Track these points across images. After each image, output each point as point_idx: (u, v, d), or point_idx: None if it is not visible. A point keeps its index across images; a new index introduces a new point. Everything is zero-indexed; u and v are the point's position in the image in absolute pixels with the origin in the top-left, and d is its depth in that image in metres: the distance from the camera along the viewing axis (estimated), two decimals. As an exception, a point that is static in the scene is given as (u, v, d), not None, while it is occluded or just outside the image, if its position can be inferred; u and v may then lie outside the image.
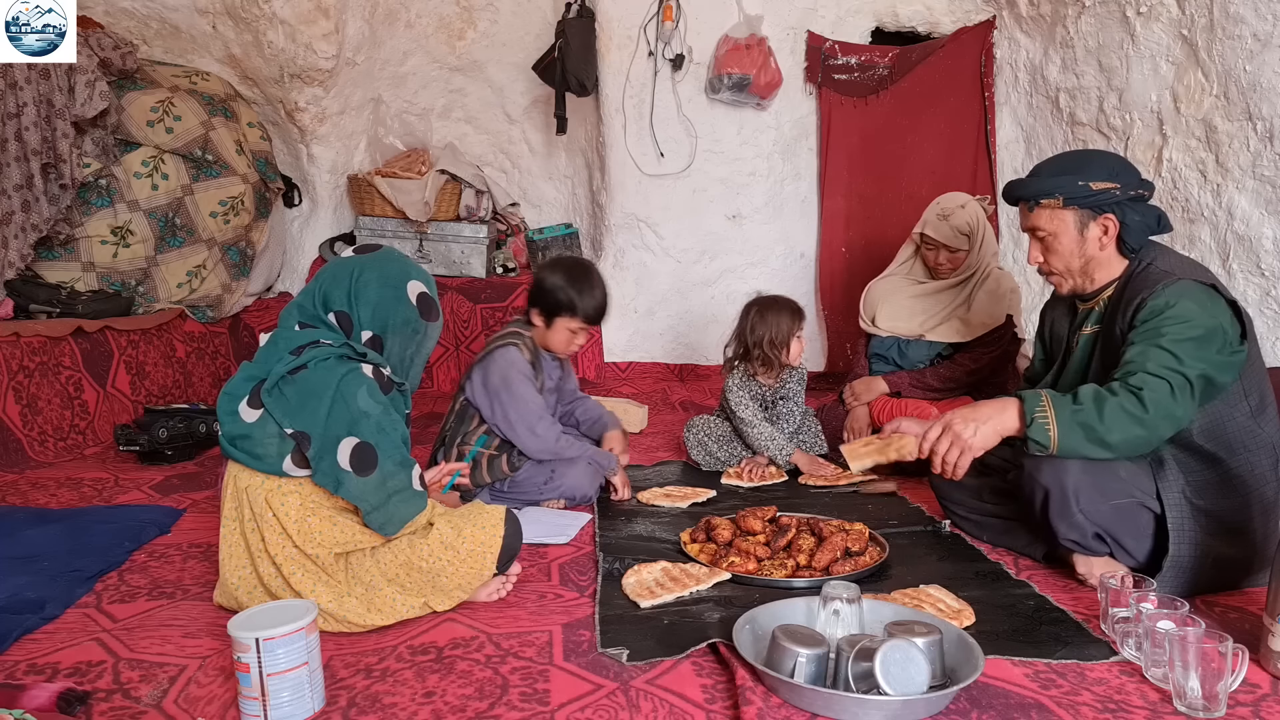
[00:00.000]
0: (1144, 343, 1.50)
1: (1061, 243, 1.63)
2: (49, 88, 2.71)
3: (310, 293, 1.50)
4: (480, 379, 2.08)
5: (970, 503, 1.87)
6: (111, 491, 2.23)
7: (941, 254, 2.48)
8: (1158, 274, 1.56)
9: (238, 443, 1.41)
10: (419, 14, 3.75)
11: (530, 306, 2.12)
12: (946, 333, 2.51)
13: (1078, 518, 1.51)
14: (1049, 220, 1.63)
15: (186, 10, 3.20)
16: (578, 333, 2.10)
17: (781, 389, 2.42)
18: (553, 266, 2.14)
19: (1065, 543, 1.57)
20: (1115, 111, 2.89)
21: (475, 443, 2.09)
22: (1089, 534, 1.53)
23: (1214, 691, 1.14)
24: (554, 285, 2.06)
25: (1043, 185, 1.63)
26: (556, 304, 2.06)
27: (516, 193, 4.11)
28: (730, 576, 1.61)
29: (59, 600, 1.52)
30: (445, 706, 1.19)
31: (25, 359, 2.52)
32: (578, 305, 2.05)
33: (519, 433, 2.04)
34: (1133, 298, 1.56)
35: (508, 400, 2.03)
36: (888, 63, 3.56)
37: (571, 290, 2.05)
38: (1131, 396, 1.46)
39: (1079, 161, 1.67)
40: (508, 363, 2.05)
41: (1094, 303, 1.70)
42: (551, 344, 2.12)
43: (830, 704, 1.14)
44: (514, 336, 2.11)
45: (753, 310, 2.36)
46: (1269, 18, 2.29)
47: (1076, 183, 1.59)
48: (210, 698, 1.22)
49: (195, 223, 3.14)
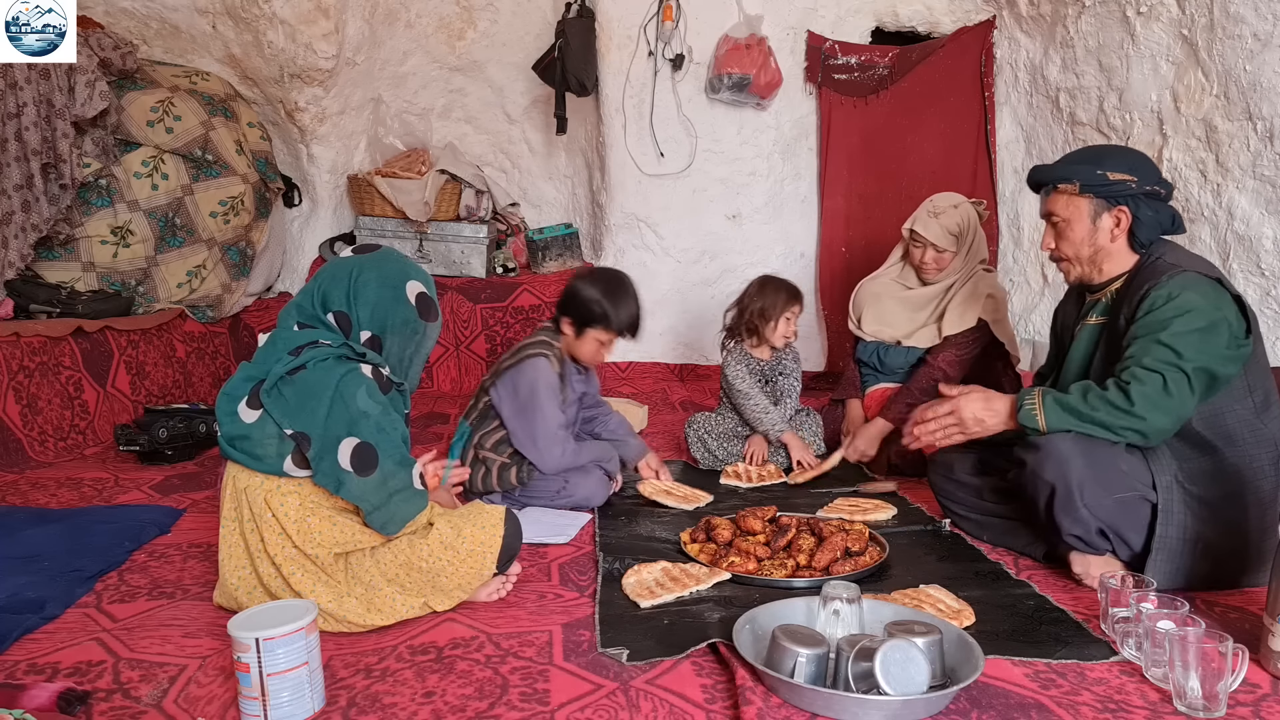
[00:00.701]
0: (1146, 336, 1.52)
1: (1074, 229, 1.66)
2: (49, 88, 2.71)
3: (309, 293, 1.49)
4: (510, 387, 2.05)
5: (971, 501, 1.88)
6: (111, 491, 2.23)
7: (928, 253, 2.41)
8: (1164, 266, 1.59)
9: (237, 443, 1.41)
10: (419, 14, 3.75)
11: (561, 314, 2.10)
12: (923, 338, 2.46)
13: (1082, 513, 1.51)
14: (1064, 206, 1.67)
15: (186, 10, 3.20)
16: (607, 344, 2.10)
17: (778, 365, 2.48)
18: (590, 278, 2.12)
19: (1069, 538, 1.57)
20: (1115, 111, 2.89)
21: (489, 447, 2.08)
22: (1092, 529, 1.53)
23: (1214, 691, 1.14)
24: (590, 296, 2.05)
25: (1062, 170, 1.68)
26: (590, 315, 2.05)
27: (516, 193, 4.11)
28: (730, 576, 1.61)
29: (59, 600, 1.52)
30: (445, 706, 1.19)
31: (25, 359, 2.52)
32: (612, 318, 2.05)
33: (538, 448, 2.02)
34: (1138, 289, 1.58)
35: (532, 416, 2.02)
36: (888, 63, 3.56)
37: (607, 302, 2.05)
38: (1119, 392, 1.50)
39: (1101, 152, 1.73)
40: (536, 374, 2.02)
41: (1102, 294, 1.72)
42: (579, 353, 2.12)
43: (830, 704, 1.14)
44: (544, 346, 2.08)
45: (756, 282, 2.48)
46: (1269, 17, 2.29)
47: (1095, 171, 1.63)
48: (210, 697, 1.22)
49: (195, 223, 3.14)
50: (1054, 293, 3.26)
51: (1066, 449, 1.52)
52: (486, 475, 2.06)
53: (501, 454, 2.08)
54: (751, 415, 2.40)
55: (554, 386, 2.04)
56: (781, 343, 2.45)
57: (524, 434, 2.03)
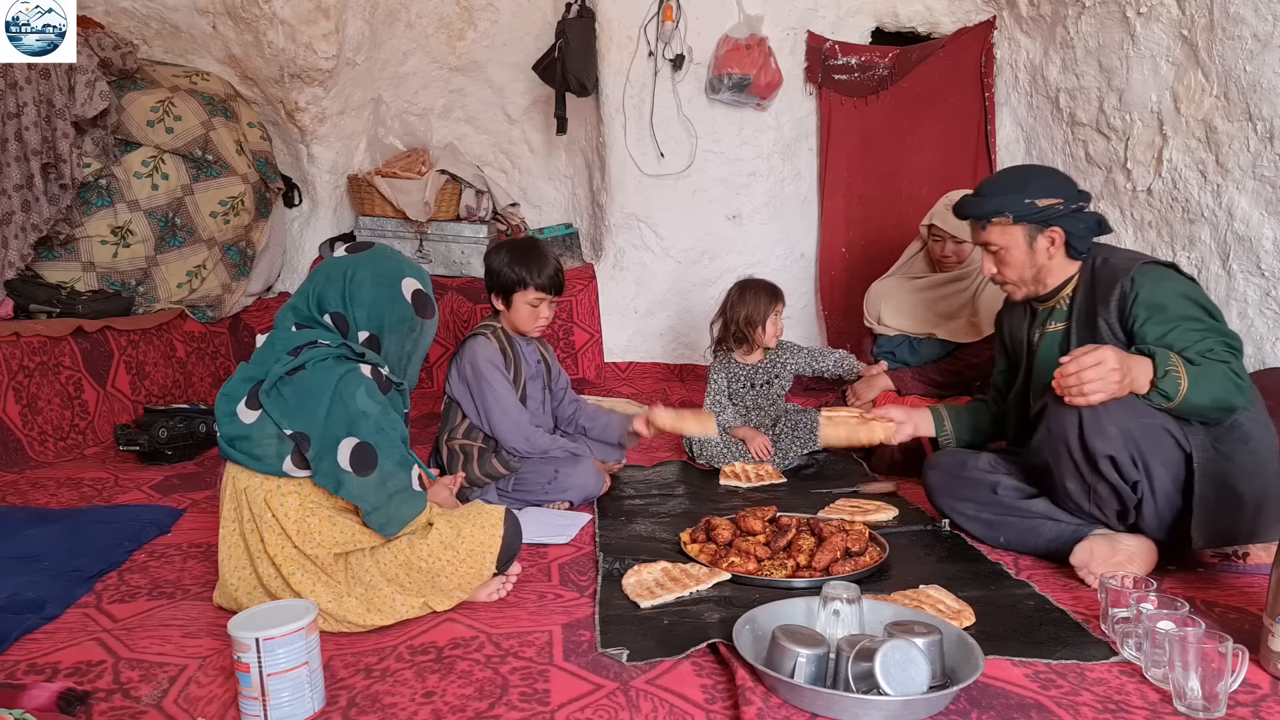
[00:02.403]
0: (1186, 325, 1.57)
1: (1013, 255, 1.76)
2: (49, 88, 2.71)
3: (305, 294, 1.49)
4: (455, 373, 2.13)
5: (984, 498, 1.81)
6: (111, 491, 2.23)
7: (948, 245, 2.53)
8: (1124, 262, 1.68)
9: (236, 444, 1.41)
10: (419, 14, 3.75)
11: (490, 294, 2.17)
12: (957, 331, 2.53)
13: (1110, 429, 1.51)
14: (1000, 236, 1.76)
15: (186, 10, 3.20)
16: (539, 305, 2.13)
17: (771, 368, 2.48)
18: (496, 249, 2.18)
19: (1103, 464, 1.53)
20: (1115, 112, 2.89)
21: (460, 438, 2.12)
22: (1124, 449, 1.51)
23: (1214, 692, 1.14)
24: (500, 265, 2.12)
25: (992, 205, 1.75)
26: (509, 281, 2.11)
27: (516, 193, 4.10)
28: (730, 577, 1.61)
29: (59, 600, 1.52)
30: (445, 706, 1.19)
31: (25, 359, 2.52)
32: (528, 278, 2.09)
33: (494, 420, 2.08)
34: (1107, 290, 1.66)
35: (484, 389, 2.07)
36: (888, 63, 3.56)
37: (518, 264, 2.10)
38: (1226, 367, 1.54)
39: (1021, 179, 1.78)
40: (475, 351, 2.10)
41: (1054, 302, 1.80)
42: (519, 324, 2.15)
43: (830, 704, 1.14)
44: (482, 329, 2.17)
45: (734, 290, 2.49)
46: (1269, 18, 2.29)
47: (1023, 201, 1.71)
48: (210, 698, 1.22)
49: (195, 223, 3.14)
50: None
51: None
52: (468, 464, 2.08)
53: (475, 440, 2.11)
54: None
55: (496, 360, 2.10)
56: (774, 343, 2.47)
57: (482, 411, 2.09)
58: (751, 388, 2.49)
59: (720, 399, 2.50)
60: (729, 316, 2.47)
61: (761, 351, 2.50)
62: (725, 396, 2.51)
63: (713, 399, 2.50)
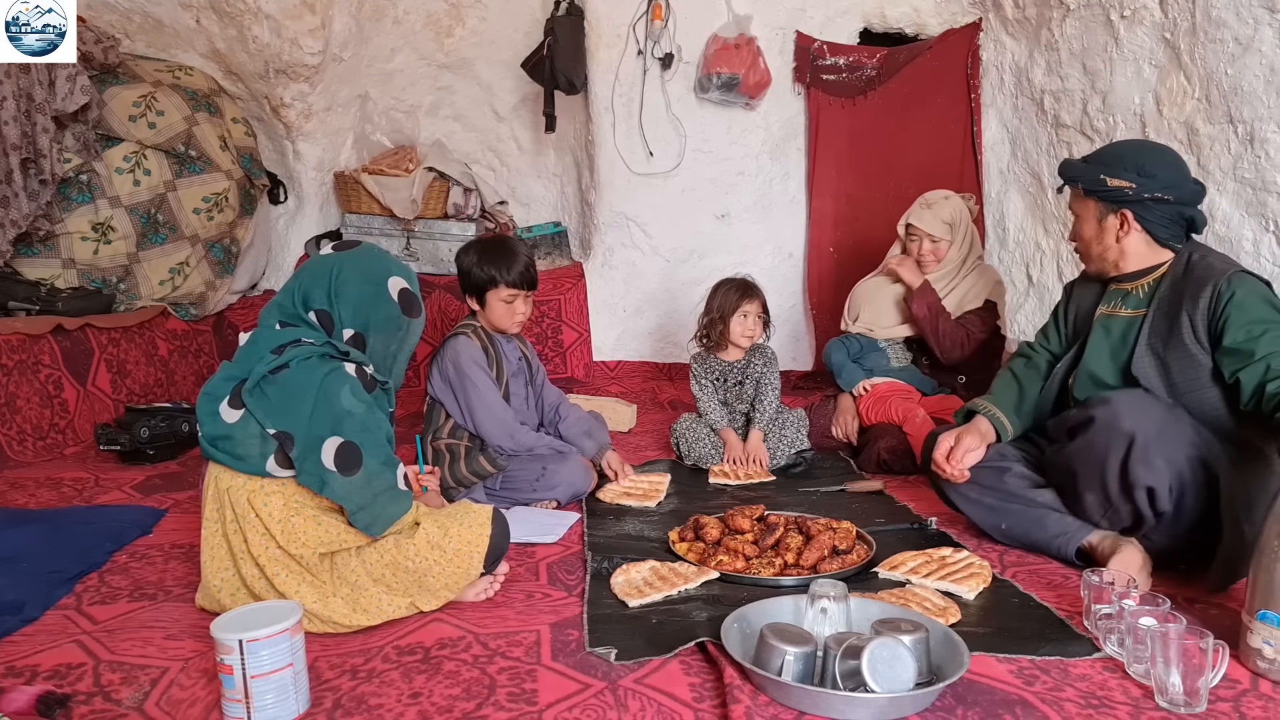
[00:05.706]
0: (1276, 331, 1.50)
1: (1084, 227, 1.74)
2: (29, 82, 2.67)
3: (290, 291, 1.48)
4: (437, 373, 2.13)
5: (990, 483, 1.77)
6: (92, 492, 2.20)
7: (924, 244, 2.56)
8: (1222, 264, 1.61)
9: (219, 444, 1.39)
10: (407, 10, 3.72)
11: (465, 295, 2.17)
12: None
13: (1157, 462, 1.50)
14: (1077, 203, 1.75)
15: (170, 4, 3.16)
16: (513, 301, 2.13)
17: (746, 368, 2.49)
18: (466, 249, 2.17)
19: (1138, 494, 1.51)
20: (1099, 114, 2.92)
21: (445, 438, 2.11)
22: (1166, 481, 1.50)
23: (1195, 687, 1.16)
24: (470, 265, 2.12)
25: (1075, 171, 1.75)
26: (480, 281, 2.11)
27: (505, 191, 4.09)
28: (718, 575, 1.61)
29: (38, 602, 1.50)
30: (432, 707, 1.18)
31: (4, 357, 2.48)
32: (499, 275, 2.09)
33: (479, 419, 2.08)
34: (1199, 287, 1.59)
35: (468, 387, 2.07)
36: (875, 64, 3.58)
37: (488, 263, 2.10)
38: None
39: (1115, 154, 1.73)
40: (456, 350, 2.10)
41: (1132, 286, 1.72)
42: (497, 322, 2.15)
43: (818, 702, 1.15)
44: (462, 328, 2.17)
45: (713, 289, 2.52)
46: (1250, 21, 2.32)
47: (1098, 175, 1.68)
48: (193, 700, 1.21)
49: (178, 219, 3.10)
50: (1039, 293, 3.29)
51: (1145, 401, 1.54)
52: (454, 463, 2.07)
53: (461, 439, 2.11)
54: (705, 415, 2.48)
55: (478, 358, 2.10)
56: (745, 341, 2.46)
57: (466, 410, 2.09)
58: (724, 383, 2.50)
59: (698, 390, 2.50)
60: (707, 313, 2.50)
61: (741, 351, 2.50)
62: (712, 393, 2.50)
63: (694, 392, 2.51)
